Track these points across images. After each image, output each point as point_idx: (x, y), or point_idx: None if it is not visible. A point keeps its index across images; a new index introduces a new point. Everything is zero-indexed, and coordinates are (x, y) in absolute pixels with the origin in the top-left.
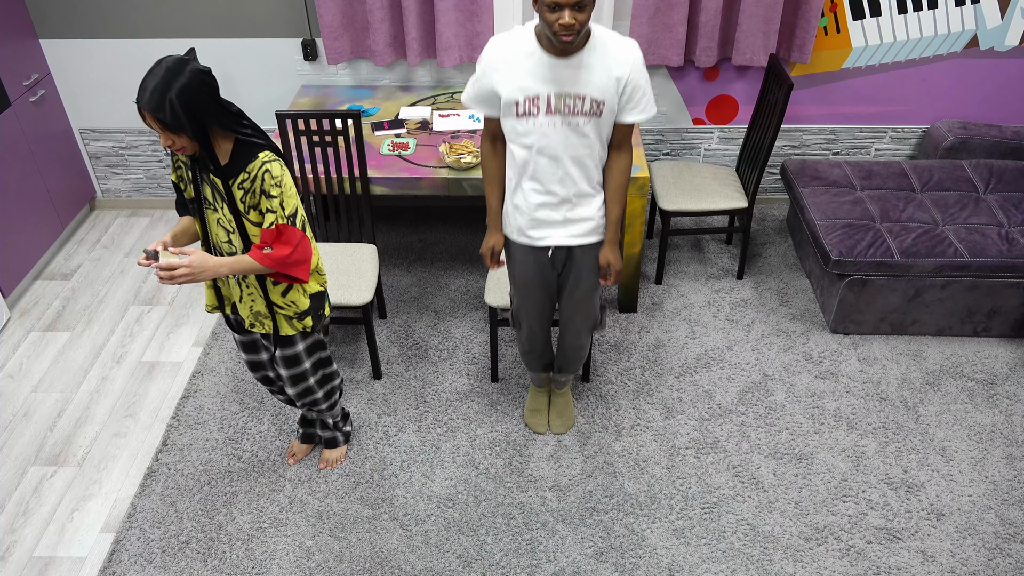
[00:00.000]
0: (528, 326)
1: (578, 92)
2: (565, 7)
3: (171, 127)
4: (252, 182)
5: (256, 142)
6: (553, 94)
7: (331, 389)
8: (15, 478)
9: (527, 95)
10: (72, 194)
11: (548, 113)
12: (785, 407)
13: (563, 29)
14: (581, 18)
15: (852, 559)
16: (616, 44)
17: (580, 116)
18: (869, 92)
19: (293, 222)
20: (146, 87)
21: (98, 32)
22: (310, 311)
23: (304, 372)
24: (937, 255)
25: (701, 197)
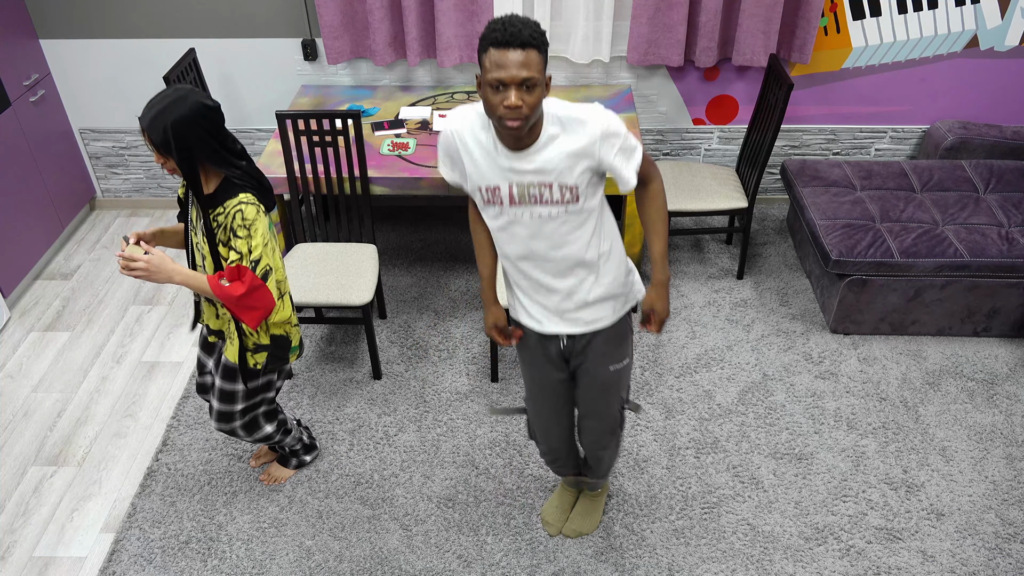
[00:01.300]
0: (546, 441)
1: (542, 181)
2: (511, 86)
3: (160, 150)
4: (226, 218)
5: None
6: (514, 184)
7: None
8: (15, 478)
9: (486, 185)
10: (72, 194)
11: (512, 205)
12: (785, 407)
13: (509, 112)
14: (530, 100)
15: (852, 559)
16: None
17: (551, 206)
18: (869, 92)
19: (254, 268)
20: (150, 107)
21: (98, 32)
22: (267, 349)
23: (231, 413)
24: (937, 255)
25: (701, 197)
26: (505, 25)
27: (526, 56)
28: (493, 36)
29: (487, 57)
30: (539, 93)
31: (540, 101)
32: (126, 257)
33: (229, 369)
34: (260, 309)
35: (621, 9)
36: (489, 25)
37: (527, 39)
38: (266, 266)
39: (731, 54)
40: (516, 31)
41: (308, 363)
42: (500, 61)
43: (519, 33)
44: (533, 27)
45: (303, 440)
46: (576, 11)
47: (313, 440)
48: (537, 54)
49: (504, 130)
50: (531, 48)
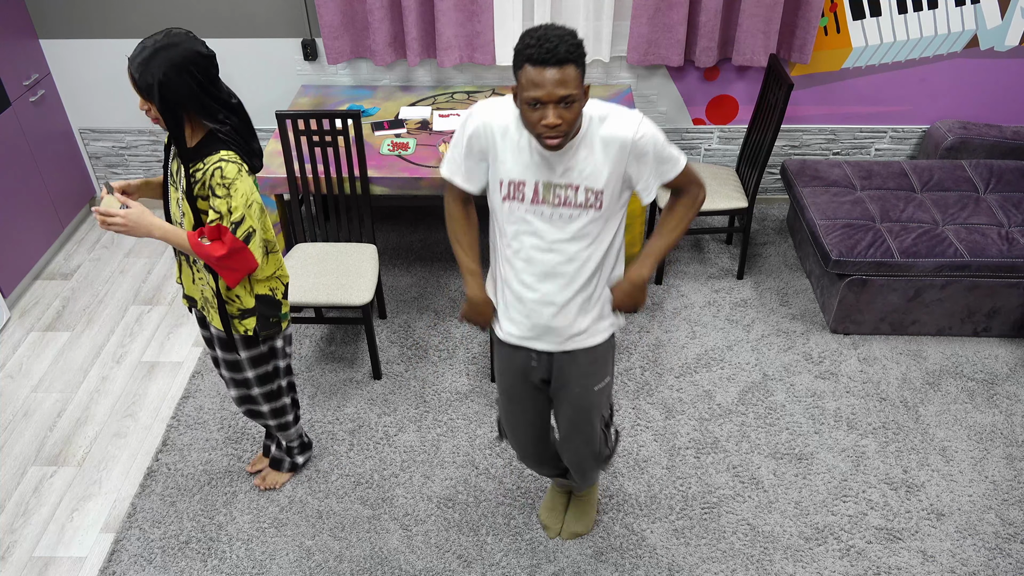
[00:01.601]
0: (515, 439)
1: (569, 182)
2: (548, 104)
3: (144, 93)
4: (204, 174)
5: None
6: (541, 183)
7: (279, 408)
8: (15, 478)
9: (511, 179)
10: (72, 194)
11: (535, 202)
12: (785, 407)
13: (547, 130)
14: (569, 116)
15: (852, 559)
16: (616, 121)
17: (573, 208)
18: (869, 92)
19: (234, 230)
20: (141, 49)
21: (98, 32)
22: (255, 312)
23: (246, 380)
24: (937, 255)
25: None
26: (541, 40)
27: (563, 73)
28: (528, 53)
29: (523, 74)
30: (578, 107)
31: (579, 114)
32: (103, 212)
33: (221, 339)
34: (239, 271)
35: (621, 9)
36: (523, 39)
37: (564, 55)
38: (248, 228)
39: (731, 54)
40: (553, 47)
41: (308, 363)
42: (537, 79)
43: (555, 50)
44: (570, 40)
45: (302, 438)
46: (576, 11)
47: (310, 439)
48: (575, 69)
49: (543, 146)
50: (569, 64)
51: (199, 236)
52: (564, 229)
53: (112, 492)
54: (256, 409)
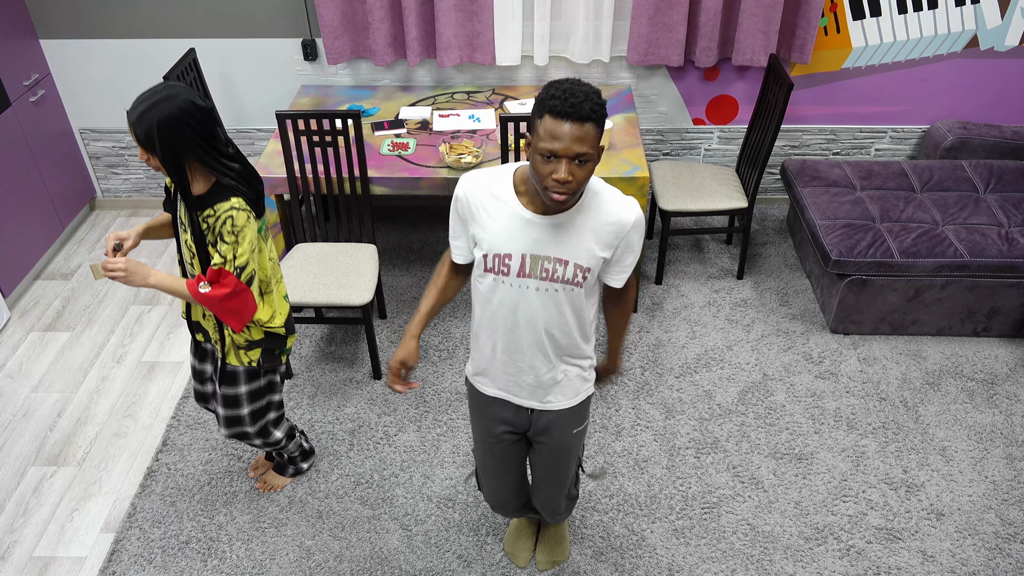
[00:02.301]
0: (494, 491)
1: (559, 256)
2: (563, 159)
3: (145, 147)
4: (216, 220)
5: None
6: (528, 256)
7: (272, 442)
8: (15, 478)
9: (496, 252)
10: (72, 194)
11: (521, 276)
12: (785, 407)
13: (556, 185)
14: (580, 175)
15: (852, 559)
16: (614, 200)
17: (559, 283)
18: (869, 92)
19: (239, 275)
20: (139, 102)
21: (98, 32)
22: (261, 344)
23: (240, 418)
24: (937, 255)
25: (701, 197)
26: (566, 94)
27: (583, 130)
28: (552, 104)
29: (542, 124)
30: (590, 168)
31: (589, 176)
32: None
33: (228, 373)
34: (242, 313)
35: (621, 9)
36: (549, 89)
37: (587, 113)
38: (252, 271)
39: (731, 54)
40: (578, 103)
41: (308, 363)
42: (556, 132)
43: (580, 106)
44: (595, 99)
45: (302, 446)
46: (576, 11)
47: (311, 445)
48: (595, 128)
49: (548, 201)
50: (590, 122)
51: (198, 284)
52: (547, 306)
53: (112, 492)
54: (248, 440)
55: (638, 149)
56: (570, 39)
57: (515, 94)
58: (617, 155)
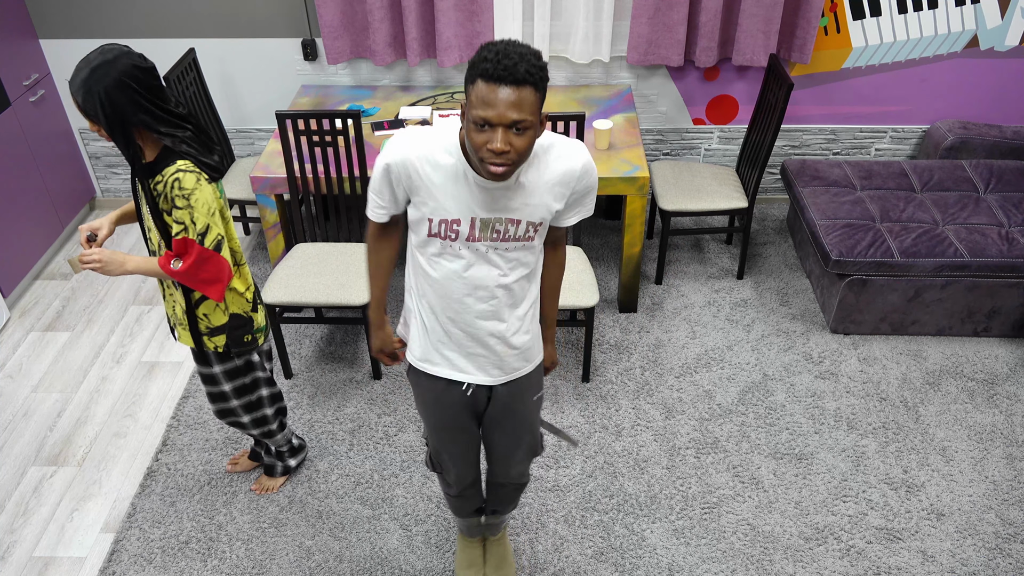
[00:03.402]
0: (455, 470)
1: (511, 216)
2: (499, 127)
3: (88, 115)
4: (164, 186)
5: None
6: (479, 219)
7: (260, 418)
8: (15, 478)
9: (442, 218)
10: (72, 194)
11: (470, 240)
12: (785, 407)
13: (492, 156)
14: (519, 144)
15: (852, 559)
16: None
17: (511, 242)
18: (869, 92)
19: (202, 240)
20: (77, 69)
21: (98, 32)
22: (225, 330)
23: (223, 393)
24: (937, 255)
25: (701, 197)
26: (499, 55)
27: (519, 95)
28: (483, 67)
29: (474, 90)
30: (531, 136)
31: (531, 145)
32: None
33: (198, 353)
34: (219, 281)
35: (621, 9)
36: (481, 51)
37: (522, 75)
38: (217, 235)
39: (731, 54)
40: (511, 64)
41: (308, 363)
42: (488, 98)
43: (514, 68)
44: (531, 60)
45: (291, 442)
46: (576, 11)
47: (302, 441)
48: (533, 92)
49: (484, 173)
50: (527, 85)
51: (169, 260)
52: (500, 264)
53: (112, 492)
54: (238, 421)
55: (638, 149)
56: (570, 39)
57: None
58: (617, 155)
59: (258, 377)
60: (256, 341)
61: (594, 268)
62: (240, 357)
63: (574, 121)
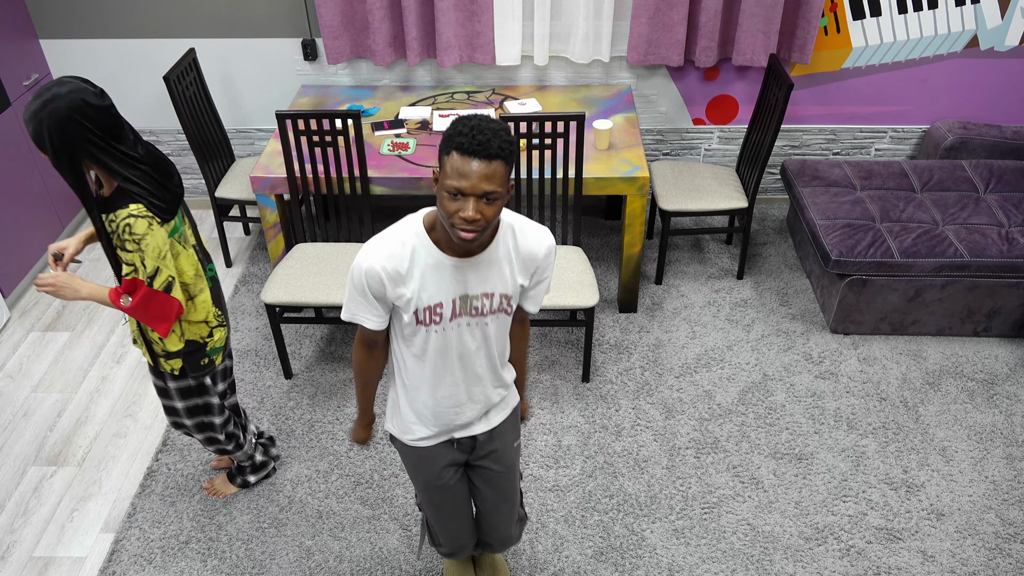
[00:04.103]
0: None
1: (485, 291)
2: (471, 197)
3: (37, 144)
4: (116, 227)
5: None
6: (458, 298)
7: (212, 438)
8: (15, 478)
9: (426, 305)
10: (72, 194)
11: (453, 318)
12: (785, 407)
13: (463, 223)
14: (488, 212)
15: (852, 559)
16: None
17: (488, 315)
18: (869, 92)
19: (151, 283)
20: (33, 98)
21: (98, 32)
22: (180, 355)
23: (174, 408)
24: (937, 255)
25: (701, 197)
26: (474, 131)
27: (491, 168)
28: (459, 141)
29: (449, 161)
30: (499, 206)
31: (499, 213)
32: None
33: (150, 365)
34: (166, 319)
35: (621, 9)
36: (455, 125)
37: (496, 151)
38: (167, 278)
39: (731, 54)
40: (485, 140)
41: (308, 363)
42: (463, 170)
43: (487, 144)
44: (503, 137)
45: (254, 459)
46: (576, 11)
47: (268, 457)
48: (503, 166)
49: (455, 239)
50: (498, 160)
51: (118, 294)
52: (480, 336)
53: (112, 492)
54: (191, 436)
55: (638, 149)
56: (570, 39)
57: (515, 94)
58: (617, 155)
59: (210, 401)
60: (213, 363)
61: (594, 268)
62: (195, 379)
63: (574, 121)
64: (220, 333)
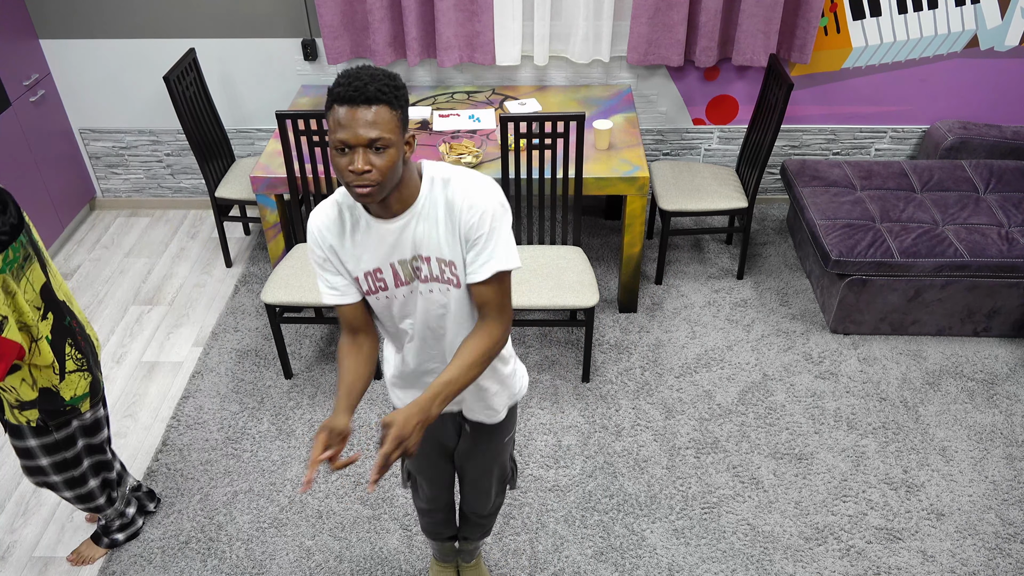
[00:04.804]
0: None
1: (419, 254)
2: (356, 147)
3: None
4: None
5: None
6: (396, 263)
7: (85, 494)
8: (15, 478)
9: (365, 270)
10: (72, 194)
11: (398, 285)
12: (785, 407)
13: (355, 177)
14: (380, 163)
15: (852, 559)
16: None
17: (432, 283)
18: (869, 92)
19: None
20: None
21: (98, 32)
22: (36, 405)
23: (40, 468)
24: (937, 255)
25: (701, 197)
26: (350, 79)
27: (373, 114)
28: (336, 92)
29: (331, 115)
30: (392, 155)
31: (394, 164)
32: None
33: (11, 427)
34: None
35: (621, 9)
36: (336, 78)
37: (373, 94)
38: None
39: (731, 54)
40: (361, 85)
41: (308, 363)
42: (343, 119)
43: (364, 88)
44: (383, 80)
45: (124, 515)
46: (576, 11)
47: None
48: (389, 110)
49: (355, 197)
50: (380, 104)
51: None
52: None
53: None
54: (58, 493)
55: (638, 149)
56: (570, 39)
57: (515, 94)
58: (617, 155)
59: (80, 453)
60: (77, 411)
61: (594, 268)
62: (59, 430)
63: (574, 121)
64: (79, 379)
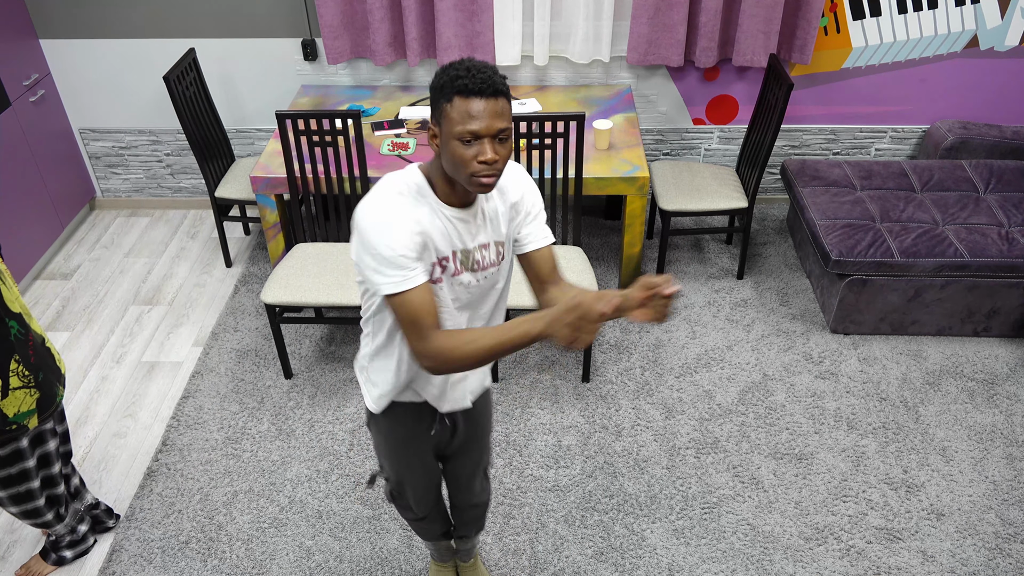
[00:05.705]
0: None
1: (482, 242)
2: (486, 138)
3: None
4: None
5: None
6: (460, 251)
7: (32, 510)
8: None
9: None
10: (72, 194)
11: (456, 274)
12: (785, 407)
13: (484, 168)
14: (504, 153)
15: (852, 559)
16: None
17: (490, 268)
18: (869, 92)
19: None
20: None
21: (98, 32)
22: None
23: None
24: (937, 255)
25: (701, 197)
26: (471, 71)
27: (499, 104)
28: (460, 84)
29: (452, 108)
30: (510, 146)
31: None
32: None
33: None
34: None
35: (621, 9)
36: (448, 71)
37: (500, 86)
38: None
39: (731, 54)
40: (487, 77)
41: (308, 363)
42: (473, 111)
43: (491, 79)
44: (500, 74)
45: (75, 532)
46: (576, 11)
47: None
48: (508, 103)
49: (474, 188)
50: (503, 96)
51: None
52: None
53: (112, 492)
54: (4, 508)
55: (638, 149)
56: (570, 39)
57: (515, 94)
58: (617, 155)
59: (27, 468)
60: (25, 428)
61: (594, 268)
62: (3, 447)
63: (574, 121)
64: (24, 396)
